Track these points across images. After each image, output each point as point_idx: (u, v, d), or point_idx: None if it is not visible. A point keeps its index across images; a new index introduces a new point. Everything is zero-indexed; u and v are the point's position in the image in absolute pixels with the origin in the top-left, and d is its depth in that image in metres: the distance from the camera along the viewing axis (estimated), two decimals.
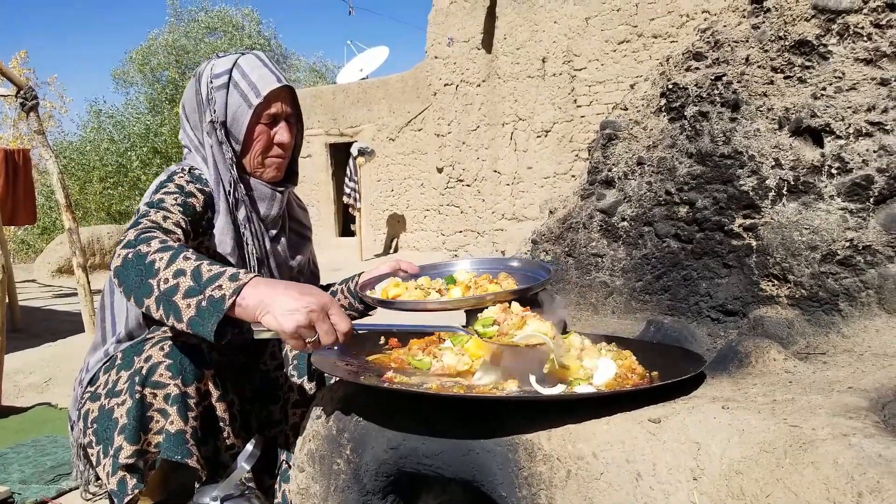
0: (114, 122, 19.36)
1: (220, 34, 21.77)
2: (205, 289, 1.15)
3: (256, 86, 1.52)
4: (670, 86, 1.47)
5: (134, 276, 1.22)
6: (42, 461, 2.51)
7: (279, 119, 1.57)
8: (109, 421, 1.32)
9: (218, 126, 1.52)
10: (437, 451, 1.09)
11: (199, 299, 1.15)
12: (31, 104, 4.96)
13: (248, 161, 1.58)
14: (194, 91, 1.56)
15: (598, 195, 1.64)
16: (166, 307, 1.18)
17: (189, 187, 1.48)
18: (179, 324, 1.17)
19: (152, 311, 1.20)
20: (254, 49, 1.64)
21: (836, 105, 1.24)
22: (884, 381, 0.98)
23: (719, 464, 0.85)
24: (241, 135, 1.54)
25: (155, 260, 1.22)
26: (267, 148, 1.57)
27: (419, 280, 1.57)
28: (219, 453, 1.44)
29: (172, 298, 1.17)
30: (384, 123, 9.95)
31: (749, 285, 1.37)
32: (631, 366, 1.17)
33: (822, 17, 1.23)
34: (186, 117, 1.59)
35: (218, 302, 1.13)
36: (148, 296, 1.20)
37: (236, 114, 1.53)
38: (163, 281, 1.19)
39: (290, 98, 1.59)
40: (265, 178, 1.60)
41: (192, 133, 1.58)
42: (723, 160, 1.38)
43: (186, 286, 1.17)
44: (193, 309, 1.15)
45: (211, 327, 1.13)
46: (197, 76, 1.57)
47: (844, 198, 1.24)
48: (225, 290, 1.14)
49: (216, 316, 1.13)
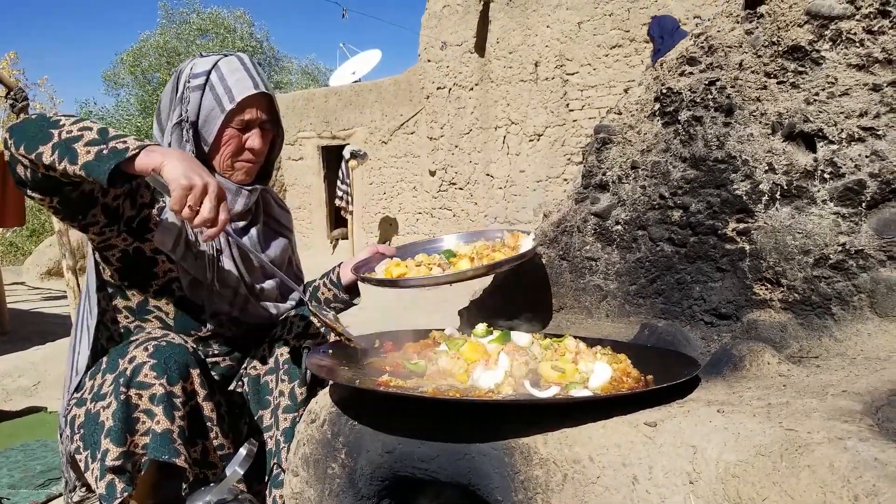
0: (104, 123, 19.26)
1: (212, 36, 21.73)
2: (108, 142, 1.22)
3: (232, 90, 1.52)
4: (664, 90, 1.48)
5: (33, 129, 1.27)
6: (32, 466, 2.48)
7: (252, 125, 1.56)
8: (96, 425, 1.31)
9: (187, 126, 1.52)
10: (432, 455, 1.09)
11: (100, 148, 1.21)
12: (21, 105, 4.92)
13: (217, 163, 1.58)
14: (172, 88, 1.57)
15: (593, 199, 1.64)
16: (62, 151, 1.22)
17: None
18: (72, 166, 1.21)
19: (44, 156, 1.24)
20: (240, 52, 1.63)
21: (828, 110, 1.24)
22: (877, 384, 0.99)
23: (715, 467, 0.85)
24: (211, 137, 1.54)
25: (61, 119, 1.28)
26: (237, 152, 1.57)
27: (417, 257, 1.55)
28: (207, 455, 1.43)
29: (72, 145, 1.22)
30: (377, 126, 9.95)
31: (742, 289, 1.38)
32: (626, 369, 1.17)
33: (815, 23, 1.24)
34: (159, 111, 1.60)
35: (121, 151, 1.20)
36: (45, 142, 1.24)
37: (209, 116, 1.53)
38: (66, 131, 1.24)
39: (266, 104, 1.58)
40: (233, 179, 1.60)
41: (156, 127, 1.60)
42: (716, 165, 1.39)
43: (90, 138, 1.23)
44: (92, 155, 1.20)
45: (107, 167, 1.18)
46: (178, 73, 1.57)
47: (837, 202, 1.25)
48: (129, 144, 1.21)
49: (115, 160, 1.19)
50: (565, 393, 1.08)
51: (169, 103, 1.56)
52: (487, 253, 1.46)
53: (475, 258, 1.46)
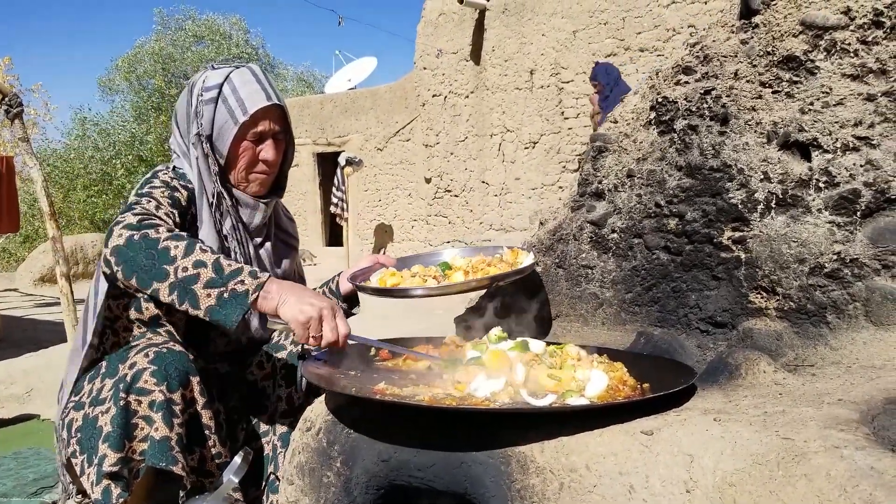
0: (99, 129, 19.23)
1: (207, 43, 21.73)
2: (227, 282, 1.25)
3: (244, 102, 1.52)
4: (660, 99, 1.48)
5: (144, 259, 1.27)
6: (24, 474, 2.46)
7: (266, 137, 1.56)
8: (94, 430, 1.30)
9: (204, 139, 1.53)
10: (428, 464, 1.08)
11: (220, 291, 1.24)
12: (15, 111, 4.90)
13: (233, 175, 1.59)
14: (186, 101, 1.56)
15: (589, 207, 1.64)
16: (181, 293, 1.25)
17: (173, 182, 1.53)
18: (195, 310, 1.25)
19: (162, 294, 1.26)
20: (250, 62, 1.63)
21: (823, 120, 1.25)
22: (873, 393, 0.99)
23: (712, 476, 0.85)
24: (226, 150, 1.54)
25: (169, 247, 1.28)
26: (251, 164, 1.57)
27: (413, 268, 1.57)
28: (204, 463, 1.43)
29: (191, 287, 1.25)
30: (372, 133, 9.96)
31: (738, 297, 1.38)
32: (622, 377, 1.17)
33: (809, 34, 1.25)
34: (177, 124, 1.60)
35: (242, 295, 1.24)
36: (160, 280, 1.26)
37: (222, 129, 1.53)
38: (181, 269, 1.26)
39: (279, 115, 1.58)
40: (248, 192, 1.61)
41: (180, 140, 1.59)
42: (712, 173, 1.39)
43: (208, 277, 1.25)
44: (214, 299, 1.24)
45: (235, 318, 1.24)
46: (190, 86, 1.57)
47: (832, 211, 1.25)
48: (248, 284, 1.25)
49: (241, 308, 1.24)
50: (562, 401, 1.08)
51: (186, 116, 1.57)
52: (482, 267, 1.48)
53: (469, 271, 1.48)
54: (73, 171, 17.63)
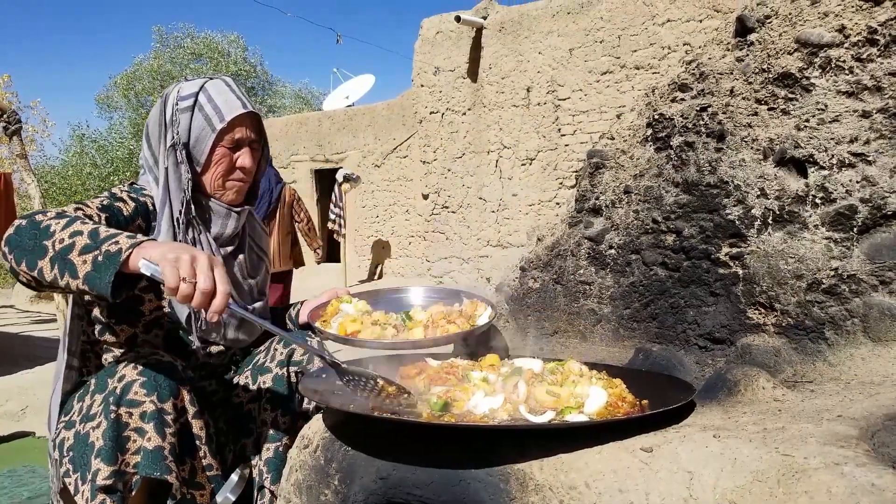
0: (97, 146, 19.26)
1: (206, 60, 21.83)
2: (101, 245, 1.18)
3: (221, 110, 1.53)
4: (656, 116, 1.49)
5: (28, 240, 1.23)
6: (19, 492, 2.44)
7: (242, 144, 1.58)
8: (86, 446, 1.29)
9: (179, 147, 1.53)
10: (427, 481, 1.07)
11: (95, 254, 1.17)
12: (13, 128, 4.92)
13: (209, 183, 1.58)
14: (159, 111, 1.57)
15: (586, 223, 1.65)
16: (61, 265, 1.19)
17: (121, 195, 1.51)
18: (75, 280, 1.18)
19: (45, 273, 1.20)
20: (224, 75, 1.65)
21: (819, 136, 1.26)
22: (872, 409, 0.99)
23: (712, 493, 0.84)
24: (203, 157, 1.55)
25: (51, 224, 1.23)
26: (228, 171, 1.58)
27: (375, 315, 1.59)
28: (195, 475, 1.41)
29: (68, 256, 1.18)
30: (370, 150, 9.99)
31: (736, 313, 1.38)
32: (621, 394, 1.17)
33: (804, 51, 1.26)
34: (147, 137, 1.60)
35: (115, 255, 1.16)
36: (42, 257, 1.20)
37: (199, 136, 1.54)
38: (58, 241, 1.20)
39: (254, 124, 1.60)
40: (224, 200, 1.60)
41: (148, 153, 1.59)
42: (709, 189, 1.40)
43: (83, 244, 1.19)
44: (90, 264, 1.17)
45: (108, 278, 1.14)
46: (164, 97, 1.58)
47: (829, 227, 1.26)
48: (122, 244, 1.17)
49: (112, 268, 1.15)
50: (561, 418, 1.08)
51: (158, 128, 1.57)
52: (442, 324, 1.52)
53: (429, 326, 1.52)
54: (70, 187, 17.64)
